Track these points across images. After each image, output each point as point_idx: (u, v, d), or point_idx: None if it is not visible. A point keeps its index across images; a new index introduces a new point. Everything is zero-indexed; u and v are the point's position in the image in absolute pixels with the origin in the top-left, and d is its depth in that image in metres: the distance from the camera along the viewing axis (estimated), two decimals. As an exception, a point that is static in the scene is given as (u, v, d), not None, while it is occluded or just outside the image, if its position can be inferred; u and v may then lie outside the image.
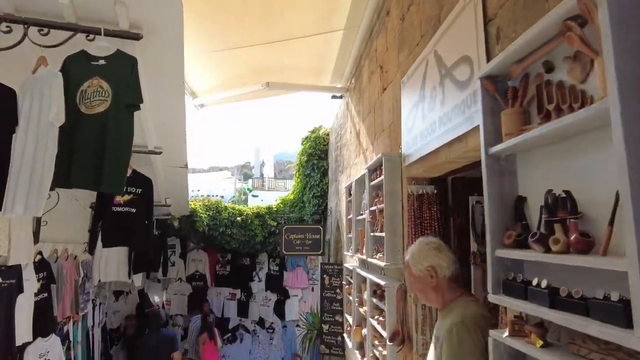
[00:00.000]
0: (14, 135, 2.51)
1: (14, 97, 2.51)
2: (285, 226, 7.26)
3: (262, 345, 8.96)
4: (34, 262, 3.96)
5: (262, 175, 23.83)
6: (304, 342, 7.05)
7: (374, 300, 3.03)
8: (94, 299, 6.16)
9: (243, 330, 9.01)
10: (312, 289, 8.96)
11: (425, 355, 2.45)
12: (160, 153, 4.32)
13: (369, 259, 3.13)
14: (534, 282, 1.15)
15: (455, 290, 1.82)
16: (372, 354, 3.03)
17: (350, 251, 4.07)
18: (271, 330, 9.04)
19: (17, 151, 2.46)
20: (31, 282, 3.78)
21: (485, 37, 1.64)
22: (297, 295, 9.03)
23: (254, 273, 9.05)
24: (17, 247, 3.42)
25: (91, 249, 4.17)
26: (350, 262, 4.60)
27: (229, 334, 8.96)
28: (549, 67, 1.24)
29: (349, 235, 4.24)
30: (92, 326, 6.00)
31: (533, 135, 1.20)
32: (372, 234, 3.13)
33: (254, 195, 20.37)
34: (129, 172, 4.34)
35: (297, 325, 9.02)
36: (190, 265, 8.75)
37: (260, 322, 9.07)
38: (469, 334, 1.61)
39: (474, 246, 2.53)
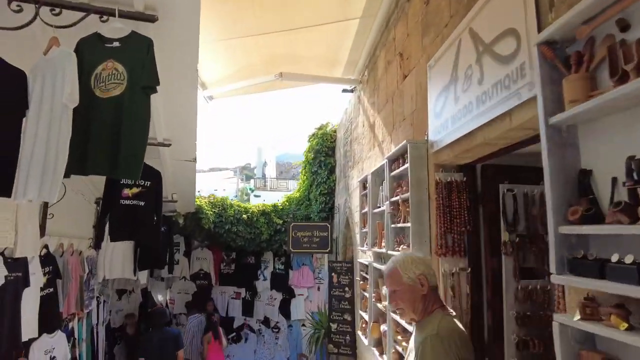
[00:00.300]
0: (24, 119, 2.41)
1: (25, 79, 2.40)
2: (293, 223, 7.15)
3: (267, 345, 8.83)
4: (40, 256, 3.85)
5: (264, 175, 23.72)
6: (311, 342, 6.92)
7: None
8: (98, 296, 6.04)
9: (248, 330, 8.88)
10: (318, 288, 8.84)
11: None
12: (169, 145, 4.21)
13: (390, 252, 3.02)
14: (613, 258, 1.04)
15: (436, 301, 1.85)
16: (393, 350, 2.91)
17: (366, 246, 3.96)
18: (276, 330, 8.91)
19: (29, 135, 2.35)
20: (37, 277, 3.67)
21: (536, 5, 1.54)
22: (302, 295, 8.91)
23: (259, 272, 8.93)
24: (23, 239, 3.31)
25: (98, 243, 4.05)
26: (364, 257, 4.48)
27: (234, 334, 8.83)
28: (625, 25, 1.13)
29: (364, 230, 4.12)
30: (97, 324, 5.87)
31: (608, 99, 1.10)
32: (393, 225, 3.02)
33: (256, 196, 20.25)
34: (138, 164, 4.24)
35: (303, 325, 8.90)
36: (194, 264, 8.62)
37: (266, 321, 8.95)
38: (442, 347, 1.62)
39: (505, 235, 2.42)
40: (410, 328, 2.61)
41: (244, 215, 8.28)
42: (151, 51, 2.47)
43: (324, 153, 7.84)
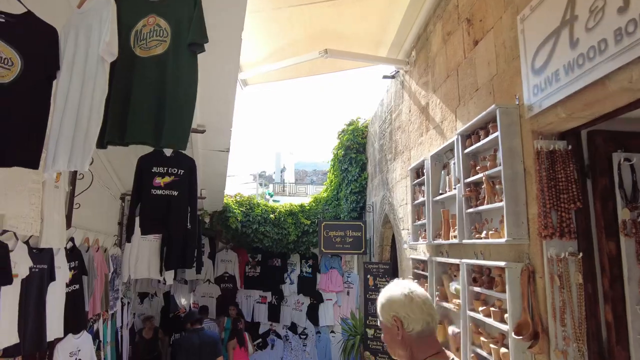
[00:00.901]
0: (55, 81, 2.08)
1: (56, 36, 2.08)
2: (324, 222, 6.75)
3: (294, 351, 8.41)
4: (66, 249, 3.54)
5: (282, 180, 23.43)
6: (345, 349, 6.48)
7: (475, 289, 2.50)
8: (122, 297, 5.72)
9: (274, 336, 8.48)
10: (348, 293, 8.41)
11: (566, 352, 1.91)
12: (203, 132, 3.90)
13: (466, 241, 2.60)
14: None
15: (428, 349, 1.44)
16: (472, 355, 2.49)
17: (422, 240, 3.54)
18: (304, 336, 8.49)
19: (60, 98, 2.03)
20: (63, 271, 3.35)
21: None
22: (331, 299, 8.48)
23: (285, 275, 8.55)
24: (49, 228, 2.99)
25: (128, 236, 3.73)
26: (415, 254, 4.07)
27: (259, 340, 8.44)
28: None
29: (418, 223, 3.72)
30: (121, 327, 5.55)
31: None
32: (469, 210, 2.61)
33: (275, 201, 19.93)
34: (170, 150, 3.92)
35: (332, 332, 8.47)
36: (219, 266, 8.28)
37: (293, 327, 8.54)
38: None
39: (623, 213, 1.99)
40: (504, 327, 2.19)
41: (271, 215, 7.93)
42: (199, 5, 2.13)
43: (355, 149, 7.45)
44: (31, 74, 1.97)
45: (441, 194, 3.19)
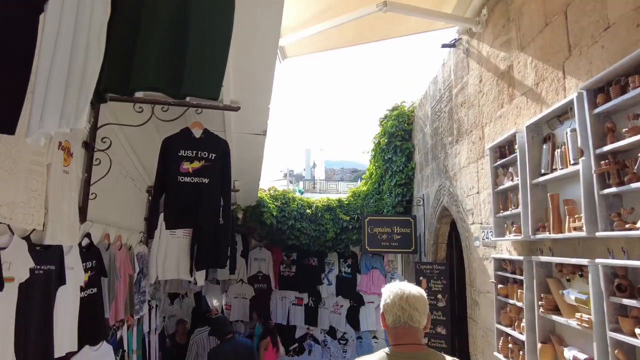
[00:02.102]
0: (42, 15, 1.49)
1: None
2: (368, 217, 6.06)
3: (333, 358, 7.77)
4: (81, 247, 3.01)
5: (313, 177, 22.85)
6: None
7: (624, 301, 1.77)
8: (149, 300, 5.22)
9: (312, 341, 7.86)
10: (391, 295, 7.68)
11: None
12: (237, 109, 3.28)
13: (603, 233, 1.87)
14: None
15: (395, 339, 1.70)
16: (619, 395, 1.76)
17: (511, 235, 2.81)
18: (344, 342, 7.83)
19: (48, 38, 1.44)
20: (76, 273, 2.82)
21: None
22: (373, 302, 7.80)
23: (322, 275, 7.91)
24: (57, 221, 2.45)
25: (150, 231, 3.16)
26: (494, 252, 3.34)
27: (296, 345, 7.83)
28: None
29: (503, 214, 2.98)
30: (149, 332, 5.05)
31: None
32: (606, 191, 1.88)
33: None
34: (200, 132, 3.34)
35: (375, 337, 7.79)
36: (252, 265, 7.73)
37: (331, 331, 7.89)
38: None
39: None
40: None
41: (307, 210, 7.31)
42: None
43: (400, 137, 6.72)
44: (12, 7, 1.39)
45: (544, 174, 2.45)
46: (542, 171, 2.46)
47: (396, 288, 1.79)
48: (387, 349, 1.69)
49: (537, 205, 2.50)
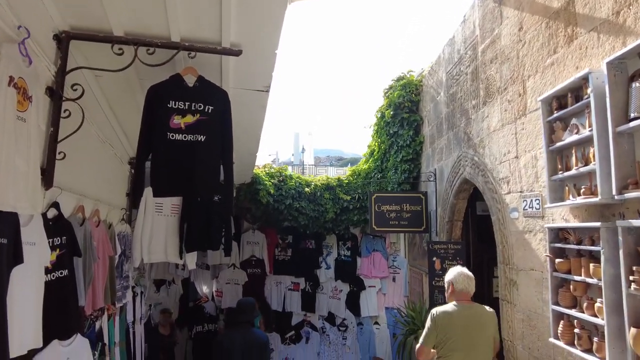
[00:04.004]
0: None
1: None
2: (376, 194, 5.54)
3: (333, 345, 7.31)
4: (47, 218, 2.43)
5: (302, 162, 22.23)
6: (402, 345, 5.34)
7: None
8: (134, 286, 4.63)
9: (309, 328, 7.37)
10: (394, 279, 7.26)
11: None
12: (238, 54, 2.69)
13: None
14: None
15: (456, 298, 2.97)
16: None
17: (579, 197, 2.32)
18: (343, 328, 7.38)
19: None
20: (40, 249, 2.24)
21: None
22: (374, 286, 7.35)
23: (320, 259, 7.41)
24: (8, 179, 1.86)
25: (135, 200, 2.58)
26: (541, 222, 2.85)
27: (292, 332, 7.34)
28: None
29: (562, 175, 2.49)
30: (133, 322, 4.47)
31: None
32: None
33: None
34: (193, 79, 2.75)
35: (376, 323, 7.35)
36: (245, 249, 7.18)
37: (330, 318, 7.42)
38: (429, 319, 2.99)
39: None
40: None
41: (306, 189, 6.77)
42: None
43: (407, 108, 6.19)
44: None
45: (634, 118, 1.95)
46: (632, 115, 1.96)
47: (460, 269, 3.07)
48: (454, 302, 2.96)
49: (623, 158, 2.00)
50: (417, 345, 3.01)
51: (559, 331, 2.45)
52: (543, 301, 2.77)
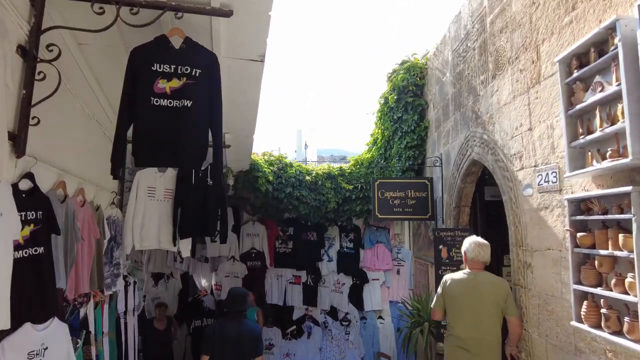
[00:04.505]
0: None
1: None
2: (379, 180, 5.31)
3: (335, 340, 7.09)
4: (18, 190, 2.23)
5: (305, 159, 22.04)
6: (408, 338, 5.11)
7: None
8: (126, 275, 4.43)
9: (311, 322, 7.15)
10: (398, 272, 7.02)
11: None
12: (229, 14, 2.48)
13: None
14: None
15: (468, 265, 3.33)
16: None
17: (607, 160, 2.09)
18: (346, 323, 7.15)
19: None
20: (7, 221, 2.03)
21: None
22: (378, 279, 7.11)
23: (322, 251, 7.18)
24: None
25: (115, 169, 2.35)
26: (558, 195, 2.62)
27: (294, 327, 7.12)
28: None
29: (584, 139, 2.26)
30: (125, 312, 4.26)
31: None
32: None
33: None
34: (180, 41, 2.54)
35: (380, 317, 7.12)
36: (244, 241, 6.97)
37: (332, 312, 7.20)
38: (441, 282, 3.55)
39: None
40: None
41: (307, 177, 6.55)
42: None
43: (412, 93, 5.96)
44: None
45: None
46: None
47: (474, 238, 3.40)
48: (466, 270, 3.33)
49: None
50: (431, 306, 3.58)
51: (582, 313, 2.22)
52: (562, 282, 2.53)
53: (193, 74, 2.46)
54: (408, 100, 5.92)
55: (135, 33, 2.41)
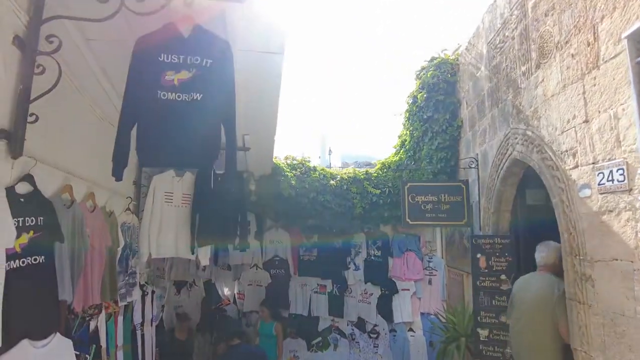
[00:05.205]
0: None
1: None
2: (409, 183, 4.97)
3: (363, 353, 6.72)
4: (15, 193, 2.03)
5: (329, 165, 21.75)
6: (443, 355, 4.72)
7: None
8: (143, 284, 4.24)
9: (337, 334, 6.81)
10: (430, 282, 6.61)
11: None
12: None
13: None
14: None
15: None
16: None
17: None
18: (374, 335, 6.77)
19: None
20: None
21: None
22: (408, 290, 6.70)
23: (348, 259, 6.84)
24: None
25: (117, 170, 2.12)
26: (627, 196, 2.23)
27: (319, 339, 6.80)
28: None
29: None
30: (142, 324, 4.07)
31: None
32: None
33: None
34: (189, 29, 2.31)
35: (411, 330, 6.71)
36: (268, 249, 6.72)
37: (360, 323, 6.83)
38: None
39: None
40: None
41: (331, 182, 6.26)
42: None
43: (442, 90, 5.60)
44: None
45: None
46: None
47: (544, 242, 3.38)
48: (535, 272, 3.41)
49: None
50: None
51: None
52: (635, 299, 2.14)
53: (204, 64, 2.22)
54: (439, 99, 5.56)
55: (144, 25, 2.21)
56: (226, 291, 6.97)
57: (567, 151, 2.84)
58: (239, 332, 3.57)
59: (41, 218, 2.18)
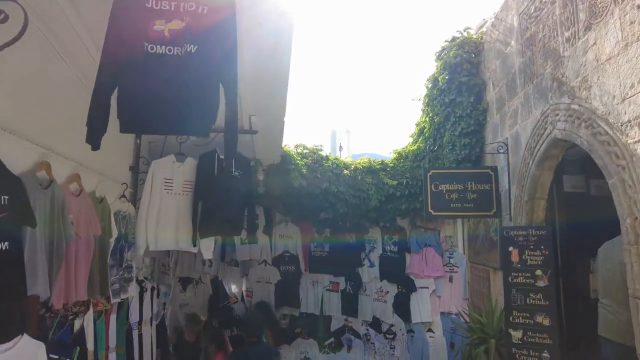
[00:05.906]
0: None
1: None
2: (432, 170, 4.54)
3: (379, 355, 6.31)
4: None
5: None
6: (465, 357, 4.30)
7: None
8: (143, 279, 3.88)
9: (351, 334, 6.41)
10: (451, 279, 6.17)
11: None
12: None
13: None
14: None
15: None
16: None
17: None
18: (391, 336, 6.35)
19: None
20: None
21: None
22: (427, 288, 6.27)
23: (362, 255, 6.43)
24: None
25: (92, 138, 1.73)
26: None
27: (332, 339, 6.40)
28: None
29: None
30: (139, 322, 3.71)
31: None
32: None
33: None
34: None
35: (430, 330, 6.28)
36: (277, 244, 6.34)
37: (375, 323, 6.41)
38: None
39: None
40: None
41: (345, 172, 5.85)
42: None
43: (466, 71, 5.16)
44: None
45: None
46: None
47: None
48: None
49: None
50: None
51: None
52: None
53: (200, 11, 1.84)
54: (462, 80, 5.12)
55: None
56: (234, 288, 6.61)
57: (629, 122, 2.40)
58: (260, 330, 3.21)
59: (5, 197, 1.81)
